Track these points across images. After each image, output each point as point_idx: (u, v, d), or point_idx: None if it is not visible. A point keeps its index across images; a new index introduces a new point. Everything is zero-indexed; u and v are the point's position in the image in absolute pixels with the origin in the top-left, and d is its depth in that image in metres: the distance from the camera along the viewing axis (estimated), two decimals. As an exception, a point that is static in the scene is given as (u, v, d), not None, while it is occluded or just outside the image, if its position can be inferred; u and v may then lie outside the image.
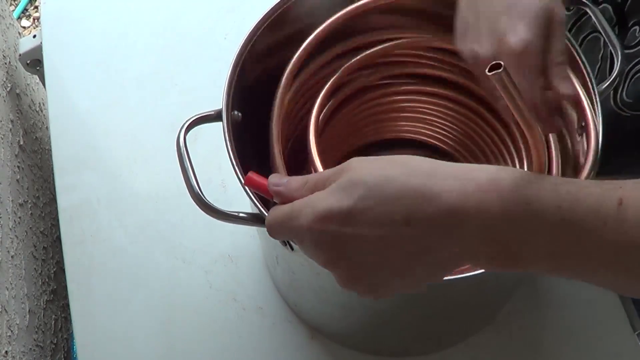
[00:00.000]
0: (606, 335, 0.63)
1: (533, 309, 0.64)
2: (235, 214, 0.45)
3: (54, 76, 0.81)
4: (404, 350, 0.63)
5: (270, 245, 0.56)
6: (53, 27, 0.84)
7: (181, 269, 0.68)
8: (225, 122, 0.48)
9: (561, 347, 0.62)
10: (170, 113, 0.76)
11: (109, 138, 0.77)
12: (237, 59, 0.51)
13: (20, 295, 0.69)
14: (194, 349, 0.64)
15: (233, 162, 0.46)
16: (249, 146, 0.51)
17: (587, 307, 0.64)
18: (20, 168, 0.78)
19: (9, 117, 0.78)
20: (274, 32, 0.55)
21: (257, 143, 0.53)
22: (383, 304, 0.52)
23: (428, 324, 0.58)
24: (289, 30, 0.56)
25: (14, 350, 0.64)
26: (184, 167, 0.45)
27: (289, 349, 0.63)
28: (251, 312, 0.65)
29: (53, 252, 0.83)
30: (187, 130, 0.47)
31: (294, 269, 0.55)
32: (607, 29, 0.50)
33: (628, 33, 0.55)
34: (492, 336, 0.63)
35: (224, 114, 0.48)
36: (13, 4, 1.86)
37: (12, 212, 0.72)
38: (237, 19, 0.82)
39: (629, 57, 0.54)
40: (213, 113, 0.49)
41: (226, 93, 0.50)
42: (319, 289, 0.54)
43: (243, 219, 0.45)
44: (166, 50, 0.82)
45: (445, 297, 0.50)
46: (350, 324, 0.60)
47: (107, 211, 0.72)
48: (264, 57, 0.55)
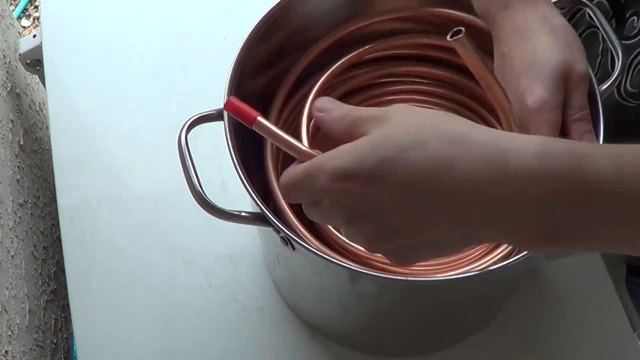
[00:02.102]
0: (606, 335, 0.63)
1: (533, 309, 0.64)
2: (237, 213, 0.45)
3: (54, 76, 0.81)
4: (404, 350, 0.63)
5: (270, 244, 0.56)
6: (53, 27, 0.84)
7: (181, 269, 0.68)
8: (226, 121, 0.48)
9: (561, 347, 0.62)
10: (170, 113, 0.76)
11: (109, 138, 0.77)
12: (238, 58, 0.51)
13: (20, 295, 0.69)
14: (194, 349, 0.64)
15: (234, 161, 0.46)
16: (249, 146, 0.51)
17: (587, 306, 0.64)
18: (20, 168, 0.78)
19: (9, 117, 0.78)
20: (276, 31, 0.55)
21: (258, 142, 0.54)
22: (383, 304, 0.52)
23: (428, 324, 0.58)
24: (291, 30, 0.56)
25: (14, 350, 0.64)
26: (186, 167, 0.45)
27: (289, 349, 0.63)
28: (251, 312, 0.65)
29: (53, 252, 0.83)
30: (188, 130, 0.47)
31: (295, 269, 0.55)
32: (607, 28, 0.50)
33: (627, 24, 0.55)
34: (492, 336, 0.63)
35: (225, 113, 0.48)
36: (13, 4, 1.86)
37: (12, 212, 0.72)
38: (237, 19, 0.82)
39: (629, 48, 0.54)
40: (214, 112, 0.49)
41: (227, 93, 0.50)
42: (320, 289, 0.54)
43: (245, 218, 0.45)
44: (166, 50, 0.82)
45: (445, 297, 0.50)
46: (350, 324, 0.60)
47: (107, 211, 0.72)
48: (266, 56, 0.55)
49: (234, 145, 0.47)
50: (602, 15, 0.51)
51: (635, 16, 0.54)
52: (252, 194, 0.44)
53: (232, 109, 0.39)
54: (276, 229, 0.44)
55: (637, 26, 0.53)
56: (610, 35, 0.50)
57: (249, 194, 0.45)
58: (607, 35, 0.50)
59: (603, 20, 0.50)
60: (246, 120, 0.39)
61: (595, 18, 0.51)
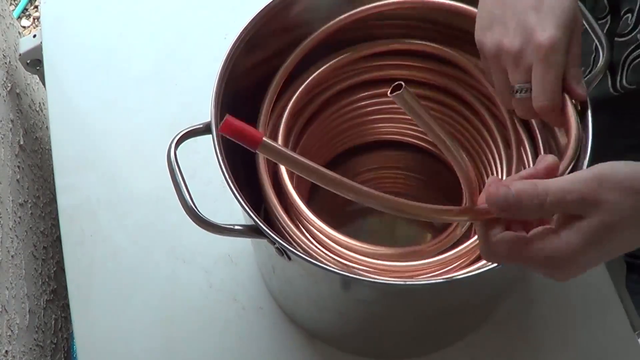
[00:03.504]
0: (606, 335, 0.63)
1: (533, 309, 0.64)
2: (230, 227, 0.45)
3: (54, 76, 0.81)
4: (403, 352, 0.63)
5: (265, 256, 0.56)
6: (53, 27, 0.84)
7: (181, 269, 0.68)
8: (214, 135, 0.47)
9: (561, 347, 0.62)
10: (170, 113, 0.76)
11: (109, 138, 0.77)
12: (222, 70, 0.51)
13: (20, 295, 0.69)
14: (194, 349, 0.64)
15: (226, 177, 0.46)
16: (239, 156, 0.50)
17: (587, 306, 0.64)
18: (20, 168, 0.78)
19: (9, 117, 0.78)
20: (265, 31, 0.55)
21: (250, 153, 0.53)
22: (380, 309, 0.52)
23: (427, 326, 0.58)
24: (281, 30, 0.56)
25: (14, 350, 0.64)
26: (176, 182, 0.45)
27: (289, 349, 0.63)
28: (251, 312, 0.65)
29: (53, 252, 0.83)
30: (177, 145, 0.46)
31: (291, 279, 0.55)
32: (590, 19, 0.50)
33: (620, 21, 0.55)
34: (491, 336, 0.63)
35: (213, 127, 0.48)
36: (13, 4, 1.86)
37: (12, 212, 0.72)
38: (237, 19, 0.82)
39: (623, 44, 0.55)
40: (202, 126, 0.48)
41: (214, 105, 0.49)
42: (317, 297, 0.54)
43: (239, 232, 0.45)
44: (166, 50, 0.82)
45: (443, 300, 0.50)
46: (348, 329, 0.60)
47: (107, 211, 0.72)
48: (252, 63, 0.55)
49: (224, 160, 0.46)
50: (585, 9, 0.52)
51: (630, 13, 0.54)
52: (246, 208, 0.44)
53: (230, 131, 0.33)
54: (271, 240, 0.44)
55: (630, 23, 0.54)
56: (593, 26, 0.50)
57: (242, 208, 0.44)
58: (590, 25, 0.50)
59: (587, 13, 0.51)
60: (249, 143, 0.33)
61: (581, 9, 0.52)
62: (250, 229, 0.45)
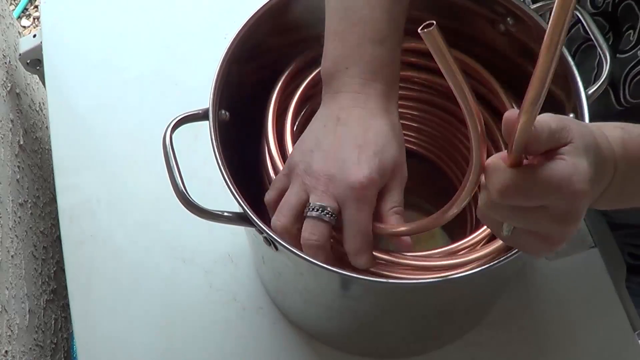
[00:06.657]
0: (606, 335, 0.63)
1: (532, 308, 0.64)
2: (219, 213, 0.45)
3: (54, 76, 0.81)
4: (397, 351, 0.63)
5: (256, 244, 0.55)
6: (53, 27, 0.84)
7: (181, 269, 0.68)
8: (211, 121, 0.48)
9: (561, 346, 0.62)
10: (170, 113, 0.75)
11: (109, 138, 0.77)
12: (225, 57, 0.51)
13: (20, 294, 0.69)
14: (194, 349, 0.64)
15: (218, 160, 0.46)
16: (237, 145, 0.51)
17: (587, 306, 0.64)
18: (20, 168, 0.78)
19: (9, 117, 0.78)
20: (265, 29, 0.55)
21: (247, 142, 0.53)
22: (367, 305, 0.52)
23: (415, 325, 0.57)
24: (282, 28, 0.56)
25: (14, 350, 0.64)
26: (169, 165, 0.45)
27: (289, 349, 0.63)
28: (251, 312, 0.65)
29: (53, 252, 0.83)
30: (173, 129, 0.47)
31: (279, 269, 0.55)
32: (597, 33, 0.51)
33: (622, 38, 0.55)
34: (491, 335, 0.63)
35: (211, 113, 0.48)
36: (13, 4, 1.86)
37: (12, 212, 0.72)
38: (237, 19, 0.82)
39: (624, 61, 0.55)
40: (200, 112, 0.49)
41: (213, 92, 0.49)
42: (304, 289, 0.54)
43: (228, 218, 0.45)
44: (166, 49, 0.82)
45: (431, 299, 0.50)
46: (336, 325, 0.60)
47: (107, 211, 0.72)
48: (253, 55, 0.55)
49: (219, 145, 0.47)
50: (591, 20, 0.52)
51: (632, 30, 0.54)
52: (235, 193, 0.44)
53: None
54: (259, 229, 0.44)
55: (632, 40, 0.54)
56: (598, 38, 0.51)
57: (231, 193, 0.44)
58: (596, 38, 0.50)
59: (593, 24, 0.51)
60: None
61: (584, 22, 0.52)
62: (239, 216, 0.45)
